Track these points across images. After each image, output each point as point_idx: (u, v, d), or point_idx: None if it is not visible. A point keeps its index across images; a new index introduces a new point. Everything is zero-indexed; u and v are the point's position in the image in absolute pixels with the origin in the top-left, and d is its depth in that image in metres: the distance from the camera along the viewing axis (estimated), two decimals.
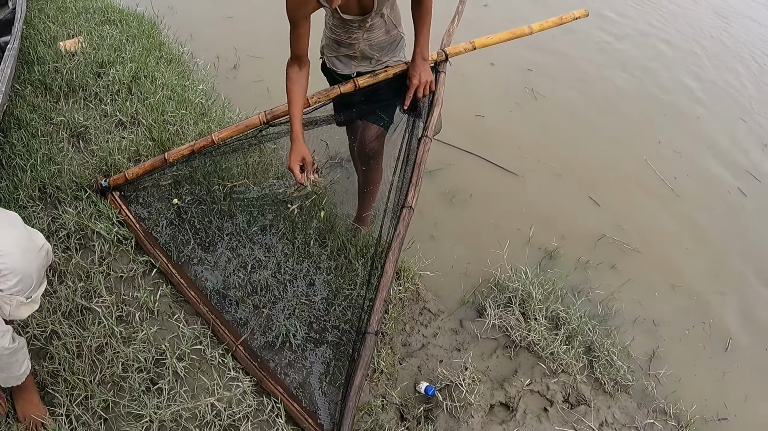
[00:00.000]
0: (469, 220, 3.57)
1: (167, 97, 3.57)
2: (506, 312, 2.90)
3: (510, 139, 4.30)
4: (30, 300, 1.65)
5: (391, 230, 2.42)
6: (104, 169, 3.00)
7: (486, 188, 3.83)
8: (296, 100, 2.34)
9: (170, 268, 2.54)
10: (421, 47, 2.46)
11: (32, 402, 2.03)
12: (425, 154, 2.51)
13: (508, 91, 4.92)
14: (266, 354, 2.39)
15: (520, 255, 3.35)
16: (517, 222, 3.61)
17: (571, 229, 3.64)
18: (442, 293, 3.07)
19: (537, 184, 3.97)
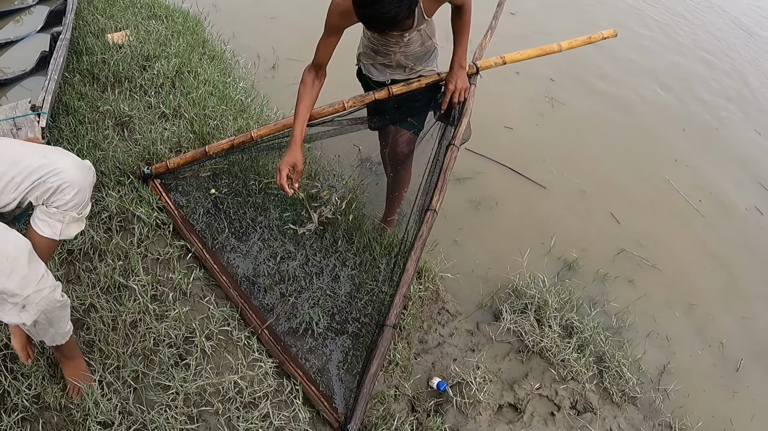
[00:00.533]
0: (492, 227, 3.65)
1: (209, 92, 3.70)
2: (522, 317, 2.97)
3: (535, 151, 4.36)
4: (81, 216, 1.79)
5: (415, 231, 2.52)
6: (146, 157, 3.13)
7: (511, 197, 3.89)
8: (303, 106, 2.43)
9: (204, 254, 2.68)
10: (459, 56, 2.56)
11: (78, 367, 2.17)
12: (452, 161, 2.62)
13: (533, 102, 4.99)
14: (289, 339, 2.52)
15: (540, 264, 3.41)
16: (538, 232, 3.67)
17: (591, 242, 3.69)
18: (461, 295, 3.15)
19: (561, 197, 4.02)
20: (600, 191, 4.15)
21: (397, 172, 2.89)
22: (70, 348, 2.06)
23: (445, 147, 2.68)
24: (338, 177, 3.18)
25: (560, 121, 4.81)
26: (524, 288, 3.13)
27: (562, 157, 4.36)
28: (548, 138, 4.58)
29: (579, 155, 4.45)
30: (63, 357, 2.11)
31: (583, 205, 4.01)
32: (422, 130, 2.81)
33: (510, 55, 2.85)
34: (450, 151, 2.64)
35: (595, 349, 2.95)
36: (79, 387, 2.15)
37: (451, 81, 2.58)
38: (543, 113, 4.87)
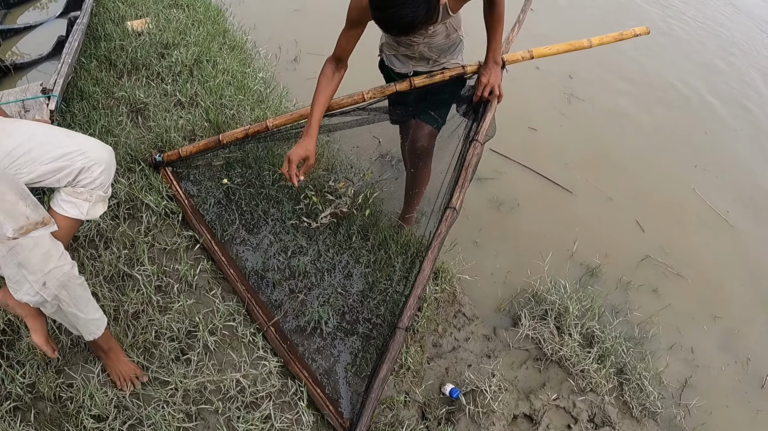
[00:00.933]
0: (513, 229, 3.52)
1: (227, 82, 3.62)
2: (541, 324, 2.85)
3: (558, 153, 4.22)
4: (106, 195, 1.82)
5: (433, 230, 2.40)
6: (159, 144, 3.05)
7: (533, 200, 3.77)
8: (321, 97, 2.34)
9: (213, 245, 2.59)
10: (493, 51, 2.46)
11: (121, 359, 2.11)
12: (474, 158, 2.49)
13: (553, 101, 4.85)
14: (296, 337, 2.41)
15: (561, 269, 3.28)
16: (560, 237, 3.54)
17: (614, 249, 3.55)
18: (479, 298, 3.03)
19: (586, 202, 3.88)
20: (625, 198, 4.00)
21: (417, 167, 2.76)
22: (105, 339, 2.04)
23: (467, 143, 2.57)
24: (356, 170, 3.07)
25: (582, 123, 4.65)
26: (545, 294, 3.00)
27: (586, 161, 4.22)
28: (571, 140, 4.43)
29: (602, 159, 4.29)
30: (100, 351, 2.08)
31: (607, 212, 3.87)
32: (444, 124, 2.70)
33: (538, 50, 2.72)
34: (473, 146, 2.51)
35: (616, 360, 2.81)
36: (128, 378, 2.11)
37: (485, 74, 2.48)
38: (564, 112, 4.72)
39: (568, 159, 4.18)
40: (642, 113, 4.98)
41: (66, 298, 1.76)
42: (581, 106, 4.86)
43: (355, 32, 2.26)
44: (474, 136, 2.53)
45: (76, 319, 1.86)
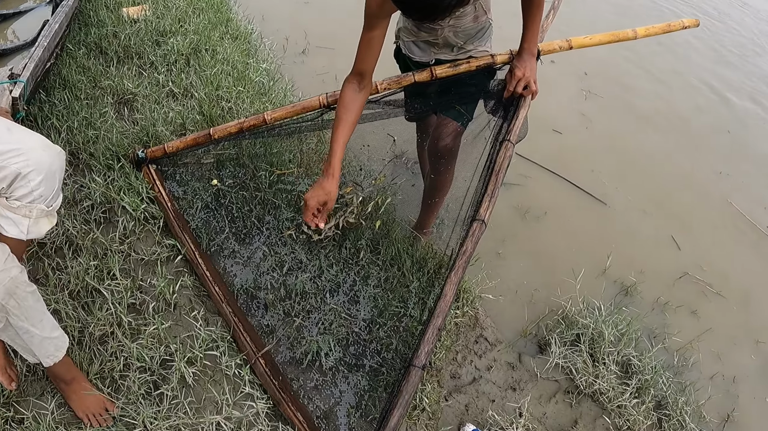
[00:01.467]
0: (540, 241, 3.22)
1: (226, 72, 3.29)
2: (572, 351, 2.54)
3: (585, 159, 3.93)
4: (51, 209, 1.51)
5: (457, 245, 2.06)
6: (144, 140, 2.74)
7: (562, 208, 3.48)
8: (343, 127, 1.99)
9: (197, 257, 2.23)
10: (529, 41, 2.19)
11: (83, 389, 1.81)
12: (505, 161, 2.18)
13: (572, 98, 4.56)
14: (290, 371, 2.03)
15: (594, 287, 2.97)
16: (592, 250, 3.23)
17: (650, 264, 3.25)
18: (502, 320, 2.71)
19: (618, 213, 3.59)
20: (658, 208, 3.70)
21: (438, 172, 2.44)
22: (67, 367, 1.80)
23: (497, 144, 2.27)
24: (366, 172, 2.69)
25: (605, 125, 4.34)
26: (576, 316, 2.69)
27: (614, 168, 3.91)
28: (596, 145, 4.12)
29: (630, 166, 4.00)
30: (61, 382, 1.81)
31: (641, 225, 3.57)
32: (471, 121, 2.40)
33: (577, 39, 2.45)
34: (504, 148, 2.20)
35: (656, 393, 2.50)
36: (95, 413, 1.81)
37: (519, 67, 2.20)
38: (585, 112, 4.42)
39: (595, 166, 3.88)
40: (662, 113, 4.68)
41: (15, 309, 1.53)
42: (599, 103, 4.58)
43: (377, 34, 1.91)
44: (506, 136, 2.22)
45: (30, 338, 1.62)
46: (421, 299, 2.20)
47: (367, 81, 2.02)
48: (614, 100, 4.65)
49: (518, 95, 2.25)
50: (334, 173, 1.96)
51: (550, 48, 2.38)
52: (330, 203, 1.99)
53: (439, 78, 2.25)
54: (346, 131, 2.00)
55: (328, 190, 1.96)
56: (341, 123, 1.99)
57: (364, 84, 2.01)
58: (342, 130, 1.99)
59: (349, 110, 2.00)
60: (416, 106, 2.45)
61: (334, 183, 1.97)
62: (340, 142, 1.97)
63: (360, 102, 2.03)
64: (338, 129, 1.99)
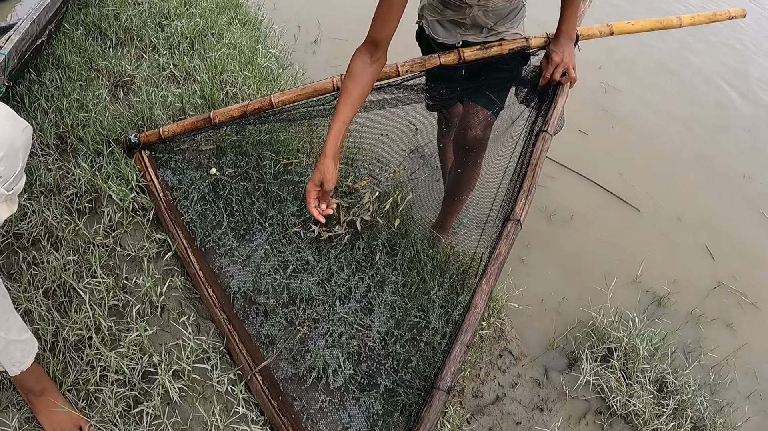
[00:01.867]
0: (567, 245, 2.98)
1: (232, 56, 3.05)
2: (604, 367, 2.30)
3: (612, 160, 3.68)
4: (11, 193, 1.28)
5: (487, 249, 1.82)
6: (138, 124, 2.51)
7: (589, 212, 3.24)
8: (348, 101, 1.77)
9: (189, 255, 1.97)
10: (567, 24, 2.01)
11: (57, 405, 1.59)
12: (543, 154, 1.94)
13: (593, 91, 4.30)
14: (292, 389, 1.75)
15: (626, 296, 2.73)
16: (622, 256, 2.99)
17: (683, 273, 3.02)
18: (527, 332, 2.47)
19: (649, 219, 3.35)
20: (690, 215, 3.44)
21: (465, 165, 2.19)
22: (37, 377, 1.59)
23: (533, 136, 2.06)
24: (383, 165, 2.43)
25: (628, 125, 4.08)
26: (608, 329, 2.46)
27: (642, 171, 3.64)
28: (622, 146, 3.86)
29: (658, 169, 3.73)
30: (30, 394, 1.59)
31: (674, 232, 3.33)
32: (502, 110, 2.19)
33: (619, 25, 2.26)
34: (541, 140, 1.96)
35: (693, 414, 2.27)
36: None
37: (557, 52, 2.01)
38: (606, 107, 4.16)
39: (622, 168, 3.62)
40: (681, 111, 4.40)
41: None
42: (619, 98, 4.32)
43: (399, 3, 1.70)
44: (543, 127, 2.00)
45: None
46: (444, 309, 1.92)
47: (381, 53, 1.81)
48: (633, 95, 4.40)
49: (555, 83, 2.05)
50: (329, 151, 1.75)
51: (589, 33, 2.18)
52: (327, 183, 1.78)
53: (467, 61, 2.06)
54: (351, 106, 1.78)
55: (324, 169, 1.75)
56: (346, 96, 1.77)
57: (377, 56, 1.80)
58: (346, 104, 1.77)
59: (357, 82, 1.78)
60: (442, 92, 2.24)
61: (330, 161, 1.76)
62: (340, 118, 1.76)
63: (371, 75, 1.81)
64: (342, 102, 1.77)
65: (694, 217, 3.40)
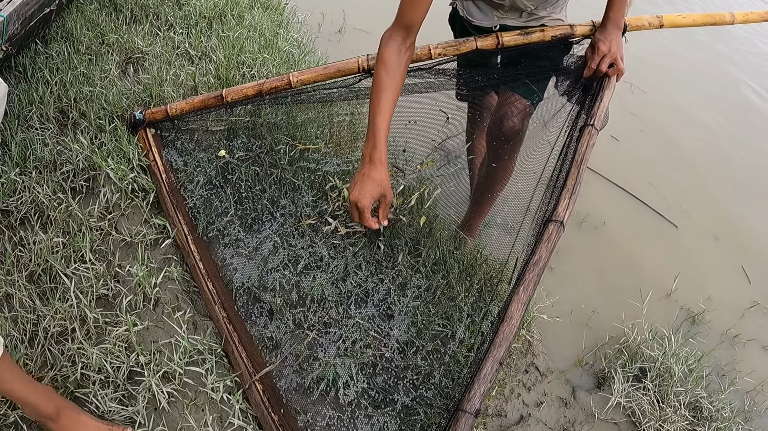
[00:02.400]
0: (598, 254, 2.80)
1: (251, 38, 2.87)
2: (636, 389, 2.11)
3: (641, 168, 3.48)
4: None
5: (524, 253, 1.65)
6: (147, 101, 2.34)
7: (623, 219, 3.06)
8: (388, 96, 1.56)
9: (189, 243, 1.77)
10: (616, 12, 1.86)
11: (84, 422, 1.36)
12: (589, 150, 1.76)
13: (620, 93, 4.01)
14: (295, 401, 1.54)
15: (660, 312, 2.54)
16: (656, 268, 2.81)
17: (718, 291, 2.83)
18: (555, 346, 2.28)
19: (685, 233, 3.16)
20: (727, 232, 3.23)
21: (500, 159, 2.00)
22: (46, 397, 1.35)
23: (576, 130, 1.89)
24: (409, 156, 2.21)
25: (658, 129, 3.86)
26: (641, 346, 2.27)
27: (674, 181, 3.45)
28: (654, 153, 3.66)
29: (689, 179, 3.53)
30: (49, 422, 1.35)
31: (711, 251, 3.13)
32: (541, 101, 2.02)
33: (669, 17, 2.11)
34: (587, 134, 1.77)
35: None
36: None
37: (604, 41, 1.85)
38: (634, 110, 3.95)
39: (653, 178, 3.43)
40: (708, 118, 4.18)
41: None
42: (645, 100, 4.11)
43: None
44: (588, 120, 1.82)
45: None
46: (471, 318, 1.71)
47: (413, 38, 1.62)
48: (658, 95, 4.20)
49: (601, 75, 1.88)
50: (381, 158, 1.51)
51: (638, 23, 2.03)
52: (389, 195, 1.57)
53: (505, 47, 1.89)
54: (391, 101, 1.56)
55: (380, 179, 1.52)
56: (384, 90, 1.55)
57: (409, 42, 1.61)
58: (386, 100, 1.55)
59: (393, 74, 1.57)
60: (477, 78, 2.06)
61: (382, 170, 1.52)
62: (385, 116, 1.54)
63: (405, 65, 1.61)
64: (381, 98, 1.55)
65: (731, 237, 3.21)
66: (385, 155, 1.53)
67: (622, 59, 1.85)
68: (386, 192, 1.55)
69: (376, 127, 1.52)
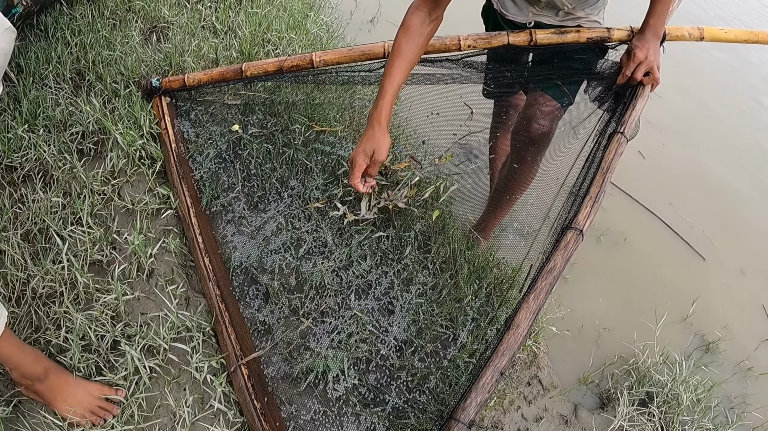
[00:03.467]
0: (616, 269, 2.71)
1: (280, 17, 2.80)
2: (641, 414, 2.03)
3: (660, 185, 3.36)
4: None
5: (539, 259, 1.57)
6: (165, 69, 2.28)
7: (644, 236, 2.96)
8: (402, 62, 1.54)
9: (191, 216, 1.71)
10: (656, 19, 1.79)
11: (74, 385, 1.34)
12: (616, 158, 1.68)
13: None
14: (281, 391, 1.46)
15: (673, 335, 2.46)
16: (674, 290, 2.72)
17: (736, 320, 2.74)
18: (561, 360, 2.21)
19: (711, 264, 3.02)
20: (752, 266, 3.07)
21: (524, 161, 1.92)
22: (32, 357, 1.32)
23: (604, 137, 1.81)
24: (429, 148, 2.13)
25: (678, 143, 3.71)
26: (650, 370, 2.19)
27: (698, 205, 3.31)
28: (674, 170, 3.52)
29: (715, 206, 3.38)
30: (36, 384, 1.32)
31: (735, 284, 2.98)
32: (571, 105, 1.95)
33: (711, 30, 2.03)
34: (615, 142, 1.70)
35: None
36: (98, 410, 1.33)
37: (641, 48, 1.79)
38: (651, 119, 3.79)
39: (673, 197, 3.29)
40: (725, 134, 4.00)
41: None
42: (663, 108, 3.93)
43: None
44: (618, 128, 1.75)
45: None
46: (476, 323, 1.62)
47: (440, 13, 1.58)
48: (674, 103, 4.05)
49: (635, 83, 1.82)
50: (382, 119, 1.51)
51: (678, 33, 1.95)
52: (380, 154, 1.54)
53: (538, 45, 1.83)
54: (404, 67, 1.54)
55: (376, 138, 1.51)
56: (400, 55, 1.53)
57: (435, 15, 1.57)
58: (399, 65, 1.53)
59: (412, 41, 1.54)
60: (507, 75, 1.98)
61: (383, 131, 1.52)
62: (394, 81, 1.51)
63: (427, 36, 1.58)
64: (394, 62, 1.52)
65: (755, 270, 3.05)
66: (386, 118, 1.52)
67: (658, 68, 1.79)
68: (378, 150, 1.53)
69: (383, 89, 1.52)
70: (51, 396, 1.30)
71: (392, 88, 1.50)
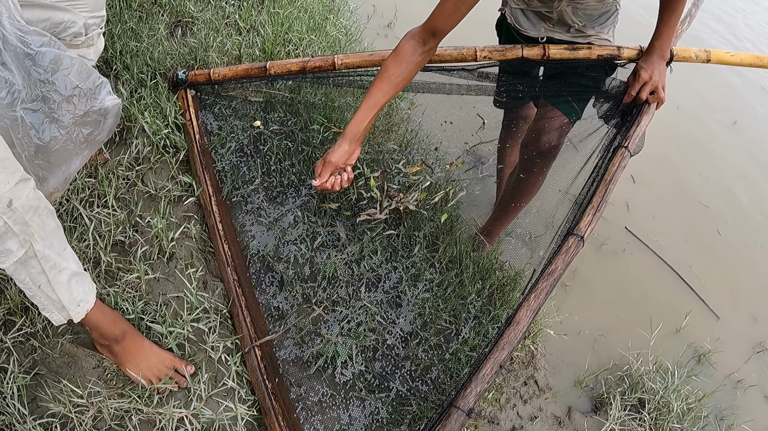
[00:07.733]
0: (616, 278, 2.77)
1: (301, 19, 2.88)
2: (633, 419, 2.09)
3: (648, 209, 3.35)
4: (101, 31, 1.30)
5: (541, 263, 1.64)
6: (191, 63, 2.34)
7: (641, 246, 3.01)
8: (385, 87, 1.60)
9: (212, 204, 1.78)
10: (662, 41, 1.83)
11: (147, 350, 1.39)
12: (619, 172, 1.76)
13: None
14: (291, 373, 1.54)
15: (666, 345, 2.52)
16: (669, 301, 2.78)
17: (728, 331, 2.79)
18: (557, 363, 2.28)
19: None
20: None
21: (530, 172, 1.99)
22: (111, 318, 1.36)
23: (609, 151, 1.90)
24: (441, 155, 2.21)
25: (669, 163, 3.66)
26: (643, 377, 2.25)
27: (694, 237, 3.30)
28: (663, 193, 3.48)
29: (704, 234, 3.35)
30: (113, 344, 1.37)
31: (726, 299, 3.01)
32: (579, 120, 2.01)
33: (717, 53, 2.07)
34: (619, 155, 1.78)
35: None
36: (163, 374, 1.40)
37: (647, 69, 1.84)
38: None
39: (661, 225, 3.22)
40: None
41: (40, 229, 1.13)
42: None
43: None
44: (622, 142, 1.83)
45: (57, 275, 1.18)
46: (478, 320, 1.69)
47: (435, 45, 1.64)
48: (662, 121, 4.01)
49: (640, 102, 1.88)
50: (345, 131, 1.61)
51: (684, 55, 2.00)
52: (349, 171, 1.70)
53: (551, 59, 1.88)
54: (386, 91, 1.60)
55: (348, 151, 1.63)
56: (385, 79, 1.59)
57: (430, 46, 1.62)
58: (382, 88, 1.59)
59: (401, 68, 1.59)
60: (518, 87, 2.05)
61: (353, 147, 1.64)
62: (371, 100, 1.59)
63: (417, 64, 1.62)
64: (378, 85, 1.59)
65: None
66: (354, 132, 1.60)
67: (663, 88, 1.85)
68: (346, 164, 1.66)
69: (360, 107, 1.59)
70: (124, 358, 1.35)
71: (366, 106, 1.58)
